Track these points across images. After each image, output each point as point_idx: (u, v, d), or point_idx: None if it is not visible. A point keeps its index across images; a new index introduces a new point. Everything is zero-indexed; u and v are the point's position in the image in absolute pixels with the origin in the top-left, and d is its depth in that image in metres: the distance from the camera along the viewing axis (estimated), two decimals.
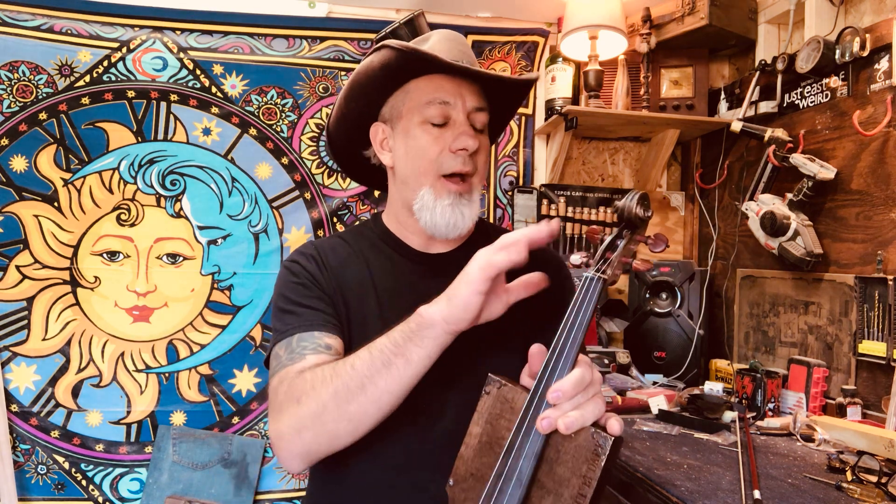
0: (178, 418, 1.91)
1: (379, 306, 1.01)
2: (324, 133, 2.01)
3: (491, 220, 2.17)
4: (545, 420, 0.69)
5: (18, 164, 1.82)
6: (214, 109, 1.93)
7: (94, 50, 1.83)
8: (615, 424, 0.68)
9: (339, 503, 0.99)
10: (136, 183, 1.90)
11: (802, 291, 1.80)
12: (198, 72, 1.91)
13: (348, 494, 0.98)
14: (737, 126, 1.88)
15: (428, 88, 1.00)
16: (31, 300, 1.83)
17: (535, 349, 0.76)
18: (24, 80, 1.80)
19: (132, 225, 1.90)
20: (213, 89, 1.92)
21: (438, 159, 0.99)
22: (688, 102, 2.15)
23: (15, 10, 1.77)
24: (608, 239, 0.79)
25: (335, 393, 0.82)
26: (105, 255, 1.89)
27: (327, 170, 2.03)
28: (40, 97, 1.81)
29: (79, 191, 1.86)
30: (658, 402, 1.72)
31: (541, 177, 2.25)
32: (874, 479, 1.16)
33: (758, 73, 1.91)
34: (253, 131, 1.97)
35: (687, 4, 1.99)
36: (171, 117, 1.91)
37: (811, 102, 1.78)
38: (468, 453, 0.76)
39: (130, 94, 1.87)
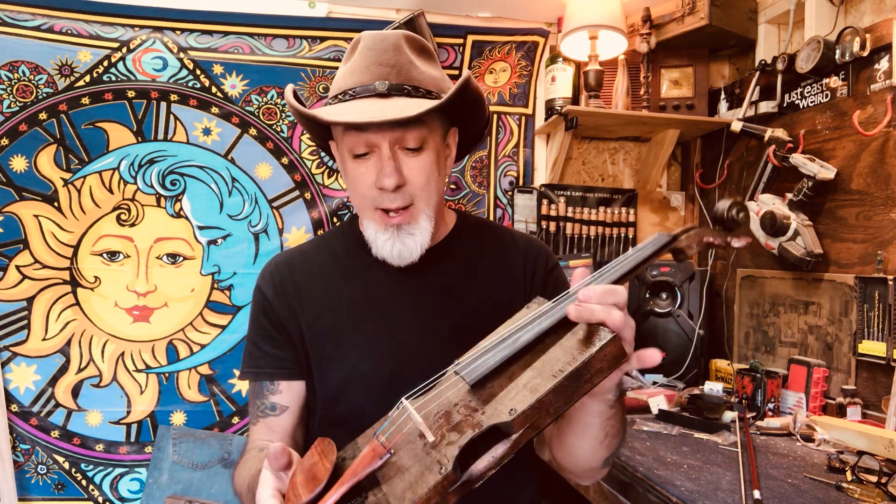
0: (178, 418, 1.91)
1: (352, 316, 0.99)
2: None
3: (491, 220, 2.17)
4: (569, 306, 0.70)
5: (18, 164, 1.82)
6: (214, 109, 1.93)
7: (94, 50, 1.83)
8: (621, 322, 0.67)
9: None
10: (136, 183, 1.90)
11: (802, 291, 1.80)
12: (198, 72, 1.91)
13: None
14: (737, 126, 1.88)
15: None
16: (31, 300, 1.83)
17: (580, 271, 0.76)
18: (24, 80, 1.80)
19: (132, 225, 1.90)
20: (213, 89, 1.92)
21: (368, 194, 0.93)
22: (688, 102, 2.15)
23: (15, 10, 1.77)
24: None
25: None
26: (105, 255, 1.89)
27: (327, 170, 2.03)
28: (40, 97, 1.81)
29: (79, 191, 1.86)
30: (658, 402, 1.72)
31: (541, 177, 2.26)
32: (874, 479, 1.16)
33: (758, 73, 1.91)
34: (253, 131, 1.97)
35: (687, 4, 1.99)
36: (171, 117, 1.91)
37: (811, 102, 1.78)
38: (485, 343, 0.77)
39: (130, 94, 1.87)
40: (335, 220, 2.03)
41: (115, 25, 1.85)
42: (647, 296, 2.17)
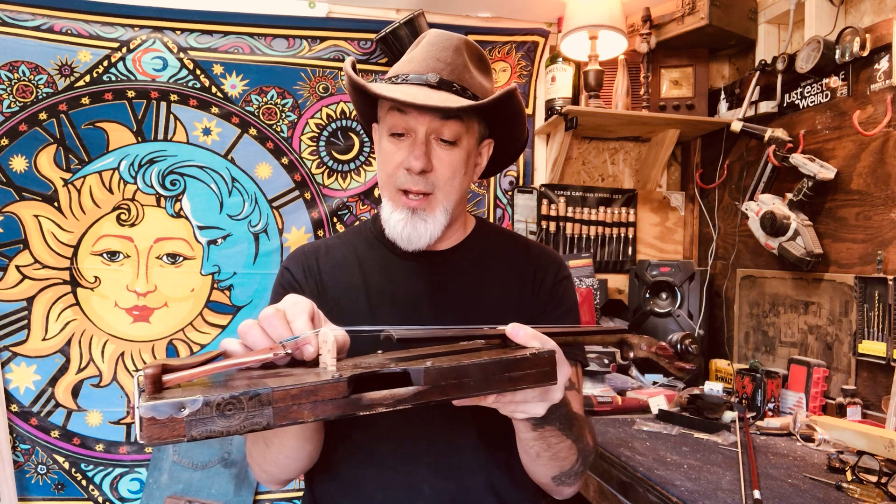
0: None
1: (370, 305, 1.01)
2: (324, 132, 2.02)
3: (491, 220, 2.17)
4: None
5: (18, 164, 1.82)
6: (214, 109, 1.93)
7: (94, 50, 1.83)
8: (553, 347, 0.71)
9: (334, 502, 0.99)
10: (136, 183, 1.89)
11: (802, 291, 1.80)
12: (198, 72, 1.90)
13: (342, 494, 0.98)
14: (737, 126, 1.88)
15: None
16: (31, 300, 1.83)
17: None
18: (24, 80, 1.80)
19: (132, 225, 1.90)
20: (213, 89, 1.92)
21: (394, 173, 0.97)
22: (688, 102, 2.15)
23: (15, 10, 1.77)
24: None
25: (250, 453, 0.95)
26: (105, 255, 1.88)
27: (327, 170, 2.03)
28: (40, 97, 1.81)
29: (79, 191, 1.86)
30: (658, 402, 1.72)
31: (541, 177, 2.26)
32: (874, 479, 1.16)
33: (758, 73, 1.91)
34: (253, 131, 1.97)
35: (687, 4, 1.99)
36: (171, 117, 1.91)
37: (811, 102, 1.78)
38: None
39: (130, 94, 1.87)
40: (335, 219, 2.03)
41: (115, 25, 1.85)
42: (647, 296, 2.17)
